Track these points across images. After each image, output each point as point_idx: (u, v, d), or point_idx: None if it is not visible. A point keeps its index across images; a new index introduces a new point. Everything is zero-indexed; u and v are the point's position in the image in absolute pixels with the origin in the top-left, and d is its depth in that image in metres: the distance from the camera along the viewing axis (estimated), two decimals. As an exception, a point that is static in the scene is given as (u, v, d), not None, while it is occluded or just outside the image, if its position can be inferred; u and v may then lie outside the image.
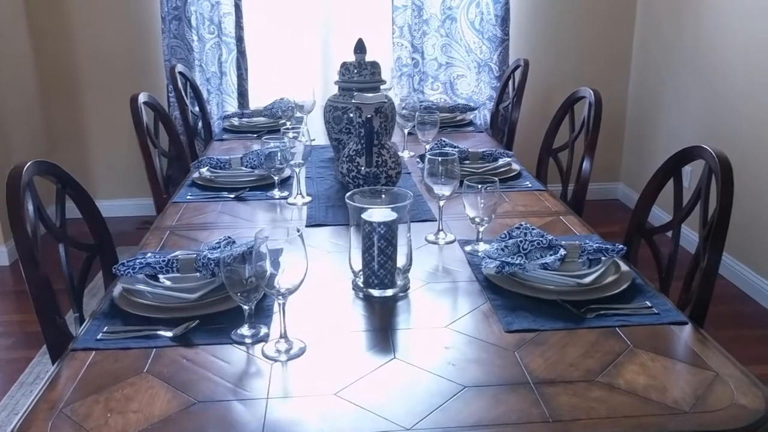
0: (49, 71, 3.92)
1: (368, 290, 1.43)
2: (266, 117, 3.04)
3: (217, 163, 2.26)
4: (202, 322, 1.29)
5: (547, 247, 1.47)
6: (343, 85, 2.16)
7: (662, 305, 1.35)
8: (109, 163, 4.05)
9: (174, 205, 2.02)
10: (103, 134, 3.99)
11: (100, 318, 1.33)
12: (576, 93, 2.39)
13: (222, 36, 3.82)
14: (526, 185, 2.15)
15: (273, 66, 3.99)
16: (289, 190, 2.12)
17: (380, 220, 1.39)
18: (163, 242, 1.73)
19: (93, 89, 3.97)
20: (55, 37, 3.87)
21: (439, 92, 4.00)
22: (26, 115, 3.82)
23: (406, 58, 3.92)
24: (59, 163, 1.59)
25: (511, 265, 1.42)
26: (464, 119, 3.06)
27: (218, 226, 1.85)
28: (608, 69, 4.13)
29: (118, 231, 4.08)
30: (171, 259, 1.43)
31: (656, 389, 1.09)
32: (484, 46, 3.90)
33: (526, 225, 1.53)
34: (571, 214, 1.90)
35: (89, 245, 1.65)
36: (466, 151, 2.29)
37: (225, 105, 3.92)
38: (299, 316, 1.33)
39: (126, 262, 1.42)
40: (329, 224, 1.85)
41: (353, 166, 1.91)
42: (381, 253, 1.40)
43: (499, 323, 1.30)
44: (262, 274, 1.19)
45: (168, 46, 3.80)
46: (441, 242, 1.71)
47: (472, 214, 1.62)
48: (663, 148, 3.79)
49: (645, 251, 1.77)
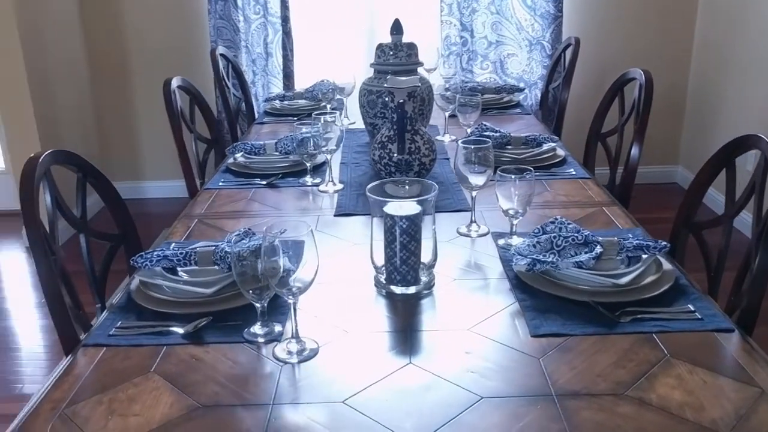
0: (98, 57, 3.97)
1: (390, 287, 1.36)
2: (307, 99, 2.99)
3: (252, 149, 2.22)
4: (216, 319, 1.26)
5: (582, 244, 1.37)
6: (379, 68, 2.09)
7: (707, 309, 1.24)
8: (158, 145, 4.09)
9: (205, 192, 1.99)
10: (152, 117, 4.01)
11: (116, 312, 1.30)
12: (626, 74, 2.25)
13: (268, 16, 3.78)
14: (570, 173, 2.03)
15: (318, 47, 3.93)
16: (322, 177, 2.07)
17: (402, 213, 1.32)
18: (190, 231, 1.70)
19: (140, 71, 3.99)
20: (103, 22, 3.91)
21: (489, 72, 3.87)
22: (78, 102, 3.88)
23: (455, 37, 3.80)
24: (109, 146, 1.57)
25: (542, 263, 1.33)
26: (511, 101, 2.94)
27: (246, 214, 1.81)
28: (669, 47, 3.92)
29: (165, 212, 4.19)
30: (189, 251, 1.39)
31: (692, 407, 0.99)
32: (536, 23, 3.75)
33: (561, 219, 1.43)
34: (615, 204, 1.79)
35: (112, 235, 1.63)
36: (508, 136, 2.18)
37: (270, 86, 3.89)
38: (316, 314, 1.28)
39: (144, 254, 1.40)
40: (358, 213, 1.78)
41: (385, 152, 1.84)
42: (403, 249, 1.33)
43: (526, 326, 1.22)
44: (274, 272, 1.14)
45: (214, 27, 3.78)
46: (473, 235, 1.63)
47: (506, 206, 1.53)
48: (727, 129, 3.58)
49: (696, 247, 1.65)
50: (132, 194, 4.22)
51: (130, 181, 4.21)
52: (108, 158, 4.14)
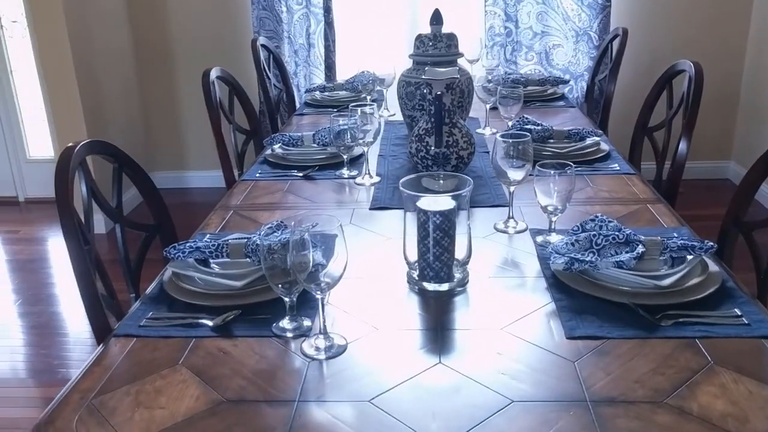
0: (143, 48, 4.02)
1: (422, 283, 1.33)
2: (348, 91, 2.97)
3: (290, 140, 2.21)
4: (246, 312, 1.25)
5: (623, 243, 1.32)
6: (417, 59, 2.05)
7: (755, 314, 1.18)
8: (201, 136, 4.13)
9: (242, 183, 1.99)
10: (195, 107, 4.05)
11: (147, 303, 1.31)
12: (675, 66, 2.16)
13: (310, 6, 3.77)
14: (614, 168, 1.97)
15: (360, 38, 3.91)
16: (359, 169, 2.05)
17: (436, 208, 1.29)
18: (225, 222, 1.70)
19: (184, 62, 4.04)
20: (149, 14, 3.96)
21: (533, 63, 3.80)
22: (124, 93, 3.94)
23: (499, 27, 3.73)
24: (153, 136, 1.58)
25: (581, 262, 1.28)
26: (555, 93, 2.87)
27: (282, 206, 1.80)
28: (722, 36, 3.78)
29: (207, 201, 4.24)
30: (222, 243, 1.39)
31: (736, 418, 0.94)
32: (584, 13, 3.65)
33: (601, 217, 1.38)
34: (661, 202, 1.72)
35: (147, 225, 1.64)
36: (550, 130, 2.12)
37: (312, 77, 3.88)
38: (347, 309, 1.26)
39: (177, 245, 1.39)
40: (394, 207, 1.76)
41: (422, 145, 1.81)
42: (437, 245, 1.30)
43: (562, 328, 1.17)
44: (303, 266, 1.12)
45: (257, 18, 3.79)
46: (511, 231, 1.59)
47: (545, 202, 1.48)
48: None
49: (745, 248, 1.57)
50: (175, 184, 4.28)
51: (174, 170, 4.27)
52: (153, 148, 4.20)
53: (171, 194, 4.24)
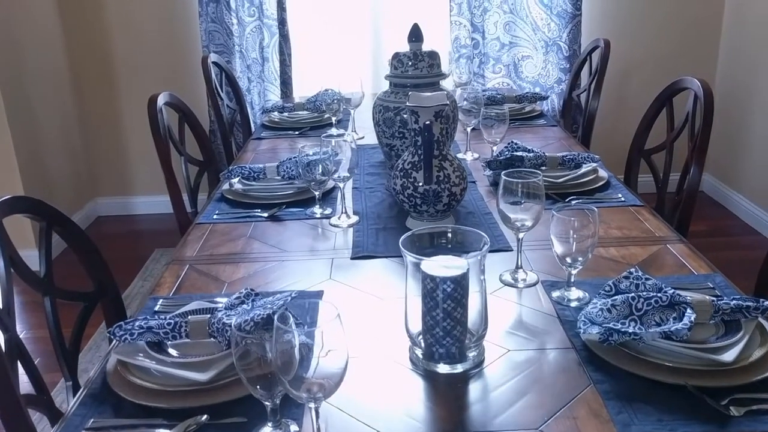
0: (81, 69, 3.68)
1: (430, 364, 1.09)
2: (309, 110, 2.72)
3: (250, 173, 1.94)
4: (215, 414, 0.99)
5: (667, 306, 1.11)
6: (396, 81, 1.81)
7: (838, 396, 0.98)
8: (148, 158, 3.80)
9: (198, 228, 1.71)
10: (140, 129, 3.73)
11: (87, 404, 1.03)
12: (677, 83, 1.97)
13: (263, 18, 3.50)
14: (618, 199, 1.77)
15: (318, 51, 3.66)
16: (332, 207, 1.80)
17: (446, 274, 1.05)
18: (180, 282, 1.43)
19: (129, 79, 3.72)
20: (85, 32, 3.62)
21: (501, 75, 3.60)
22: (61, 116, 3.59)
23: (465, 39, 3.53)
24: (97, 162, 1.29)
25: (621, 333, 1.06)
26: (534, 110, 2.67)
27: (247, 257, 1.54)
28: (693, 50, 3.67)
29: (156, 229, 3.93)
30: (179, 322, 1.12)
31: None
32: (553, 22, 3.48)
33: (637, 274, 1.17)
34: (682, 241, 1.52)
35: (85, 294, 1.35)
36: (543, 156, 1.91)
37: (267, 94, 3.61)
38: (341, 404, 1.01)
39: (124, 324, 1.12)
40: (379, 255, 1.51)
41: (409, 182, 1.57)
42: (447, 317, 1.06)
43: (613, 424, 0.95)
44: (287, 359, 0.87)
45: (206, 32, 3.50)
46: (520, 285, 1.36)
47: (563, 251, 1.26)
48: (757, 134, 3.32)
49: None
50: (120, 210, 3.95)
51: (118, 196, 3.94)
52: (95, 173, 3.87)
53: (115, 222, 3.92)
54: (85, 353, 2.60)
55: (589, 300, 1.26)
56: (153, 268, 3.28)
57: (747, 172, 3.46)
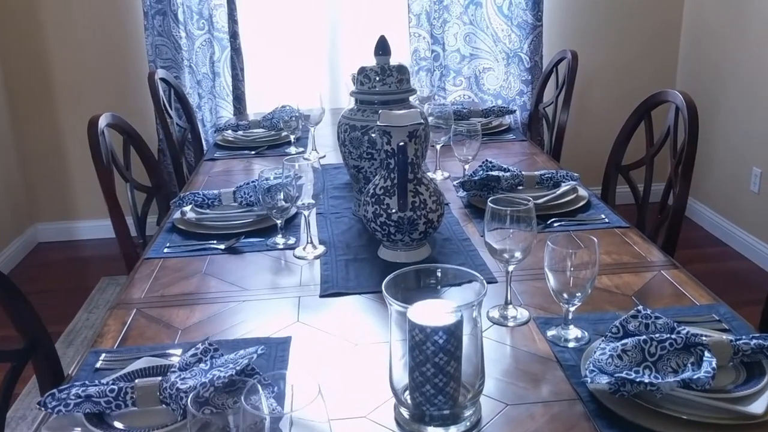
0: (18, 80, 3.45)
1: (419, 427, 0.95)
2: (266, 128, 2.56)
3: (204, 200, 1.78)
4: (167, 502, 0.82)
5: (682, 348, 0.99)
6: (362, 98, 1.67)
7: None
8: (91, 181, 3.57)
9: (146, 264, 1.54)
10: (84, 151, 3.50)
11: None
12: (657, 96, 1.87)
13: (213, 31, 3.32)
14: (602, 220, 1.66)
15: (273, 66, 3.50)
16: (296, 235, 1.64)
17: (437, 323, 0.91)
18: (126, 330, 1.26)
19: (69, 98, 3.49)
20: (22, 47, 3.39)
21: (462, 88, 3.50)
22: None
23: (425, 51, 3.41)
24: (36, 186, 1.11)
25: (635, 383, 0.93)
26: (501, 124, 2.57)
27: (203, 298, 1.37)
28: (653, 57, 3.64)
29: (102, 255, 3.68)
30: (124, 387, 0.95)
31: None
32: (513, 33, 3.40)
33: (646, 312, 1.05)
34: (676, 267, 1.41)
35: (12, 352, 1.16)
36: (520, 175, 1.80)
37: (219, 110, 3.43)
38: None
39: (57, 392, 0.95)
40: (351, 293, 1.36)
41: (381, 209, 1.43)
42: (439, 372, 0.92)
43: (637, 496, 0.82)
44: None
45: (152, 46, 3.31)
46: (510, 323, 1.23)
47: (560, 287, 1.13)
48: (720, 143, 3.29)
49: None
50: (62, 236, 3.71)
51: (59, 221, 3.70)
52: (33, 196, 3.62)
53: (58, 249, 3.67)
54: (22, 398, 2.38)
55: (588, 340, 1.14)
56: (99, 298, 3.06)
57: (710, 182, 3.43)
